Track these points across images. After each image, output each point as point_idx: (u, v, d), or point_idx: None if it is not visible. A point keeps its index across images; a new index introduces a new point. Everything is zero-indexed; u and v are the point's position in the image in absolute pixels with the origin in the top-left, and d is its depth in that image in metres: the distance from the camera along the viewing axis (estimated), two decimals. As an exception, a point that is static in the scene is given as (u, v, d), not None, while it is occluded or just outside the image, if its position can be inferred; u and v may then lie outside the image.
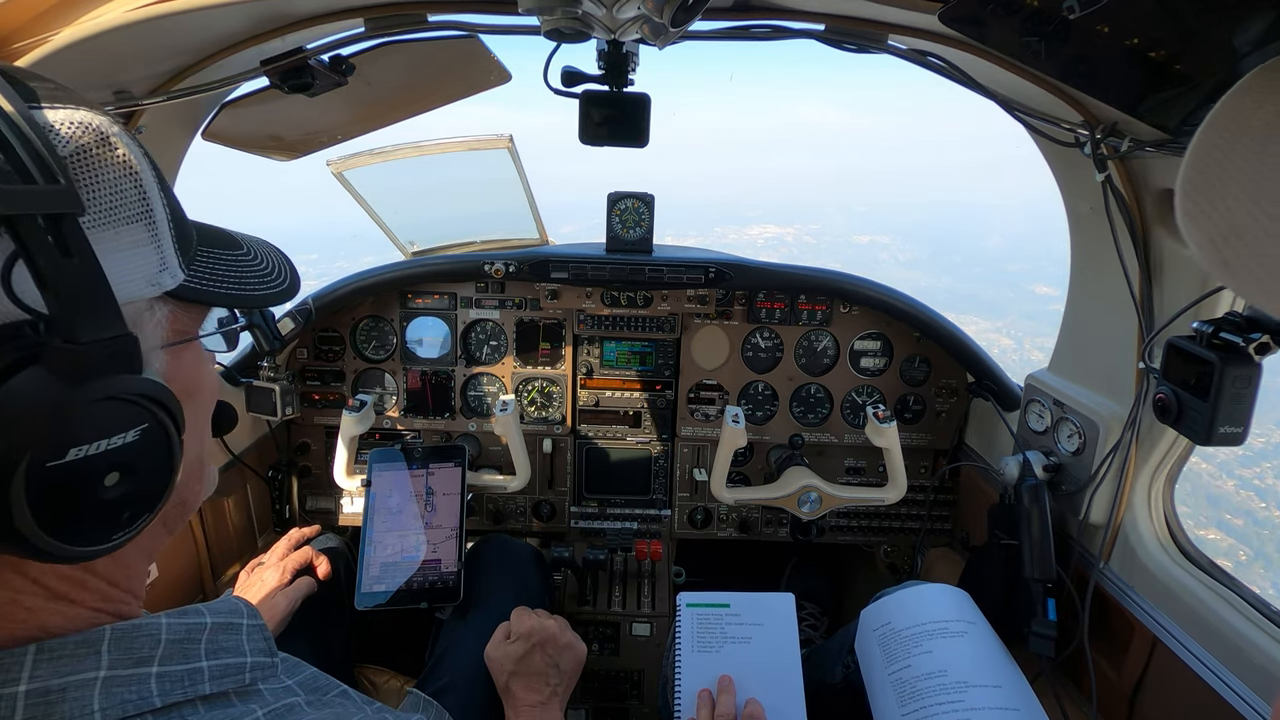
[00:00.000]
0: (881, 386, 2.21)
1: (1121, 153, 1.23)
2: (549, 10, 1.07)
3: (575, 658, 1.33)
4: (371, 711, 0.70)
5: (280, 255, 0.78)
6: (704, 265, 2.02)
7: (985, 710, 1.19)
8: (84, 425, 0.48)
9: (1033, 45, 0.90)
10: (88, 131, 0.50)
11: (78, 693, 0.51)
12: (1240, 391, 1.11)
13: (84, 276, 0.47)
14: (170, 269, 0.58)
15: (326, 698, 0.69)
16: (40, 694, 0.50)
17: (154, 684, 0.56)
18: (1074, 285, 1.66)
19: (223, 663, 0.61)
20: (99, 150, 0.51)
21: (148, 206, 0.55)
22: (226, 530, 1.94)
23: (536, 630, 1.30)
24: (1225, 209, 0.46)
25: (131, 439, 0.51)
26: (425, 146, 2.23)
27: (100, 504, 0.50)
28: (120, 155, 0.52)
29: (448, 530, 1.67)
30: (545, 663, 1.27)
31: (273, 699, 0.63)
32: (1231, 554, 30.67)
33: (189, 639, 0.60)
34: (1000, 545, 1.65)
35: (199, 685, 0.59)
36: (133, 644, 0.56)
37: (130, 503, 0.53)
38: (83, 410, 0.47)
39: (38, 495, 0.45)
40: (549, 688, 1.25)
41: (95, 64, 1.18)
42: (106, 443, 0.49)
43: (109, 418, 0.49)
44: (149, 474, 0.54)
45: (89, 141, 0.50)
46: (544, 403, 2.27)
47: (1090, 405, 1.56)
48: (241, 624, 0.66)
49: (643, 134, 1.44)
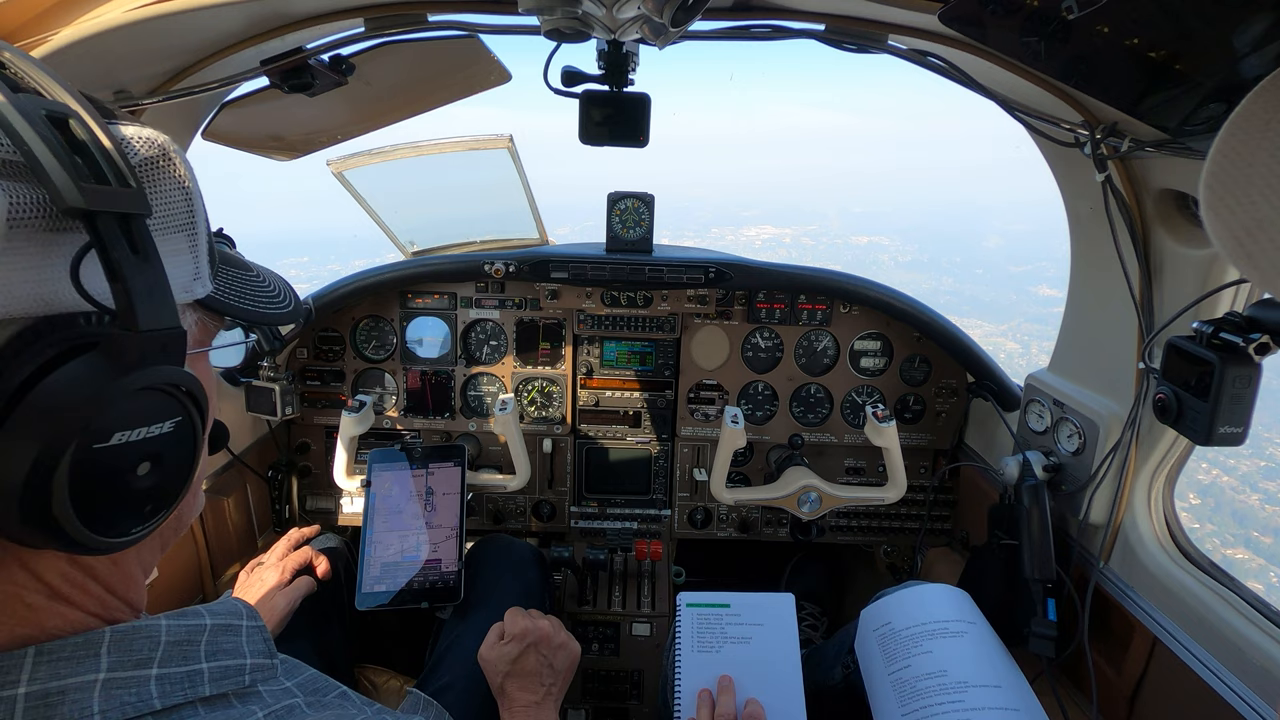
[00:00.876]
0: (881, 386, 2.21)
1: (1121, 153, 1.23)
2: (549, 10, 1.07)
3: (569, 657, 1.33)
4: (371, 713, 0.70)
5: (283, 281, 0.82)
6: (704, 265, 2.02)
7: (985, 710, 1.19)
8: (132, 410, 0.51)
9: (1033, 45, 0.90)
10: (153, 146, 0.56)
11: (77, 695, 0.51)
12: (1240, 391, 1.11)
13: (149, 272, 0.50)
14: (202, 279, 0.62)
15: (326, 699, 0.69)
16: (40, 696, 0.50)
17: (154, 686, 0.56)
18: (1074, 285, 1.66)
19: (222, 664, 0.62)
20: (161, 163, 0.57)
21: (192, 218, 0.60)
22: (226, 530, 1.94)
23: (530, 630, 1.30)
24: (1250, 203, 0.47)
25: (166, 429, 0.54)
26: (425, 146, 2.23)
27: (129, 493, 0.53)
28: (176, 169, 0.58)
29: (448, 530, 1.67)
30: (539, 663, 1.28)
31: (272, 700, 0.63)
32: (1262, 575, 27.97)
33: (189, 641, 0.60)
34: (1000, 545, 1.65)
35: (199, 687, 0.59)
36: (132, 646, 0.56)
37: (154, 495, 0.55)
38: (134, 395, 0.50)
39: (78, 478, 0.47)
40: (543, 688, 1.25)
41: (95, 64, 1.18)
42: (145, 430, 0.52)
43: (152, 406, 0.52)
44: (174, 468, 0.56)
45: (154, 155, 0.56)
46: (544, 402, 2.27)
47: (1090, 405, 1.56)
48: (241, 625, 0.66)
49: (643, 134, 1.44)
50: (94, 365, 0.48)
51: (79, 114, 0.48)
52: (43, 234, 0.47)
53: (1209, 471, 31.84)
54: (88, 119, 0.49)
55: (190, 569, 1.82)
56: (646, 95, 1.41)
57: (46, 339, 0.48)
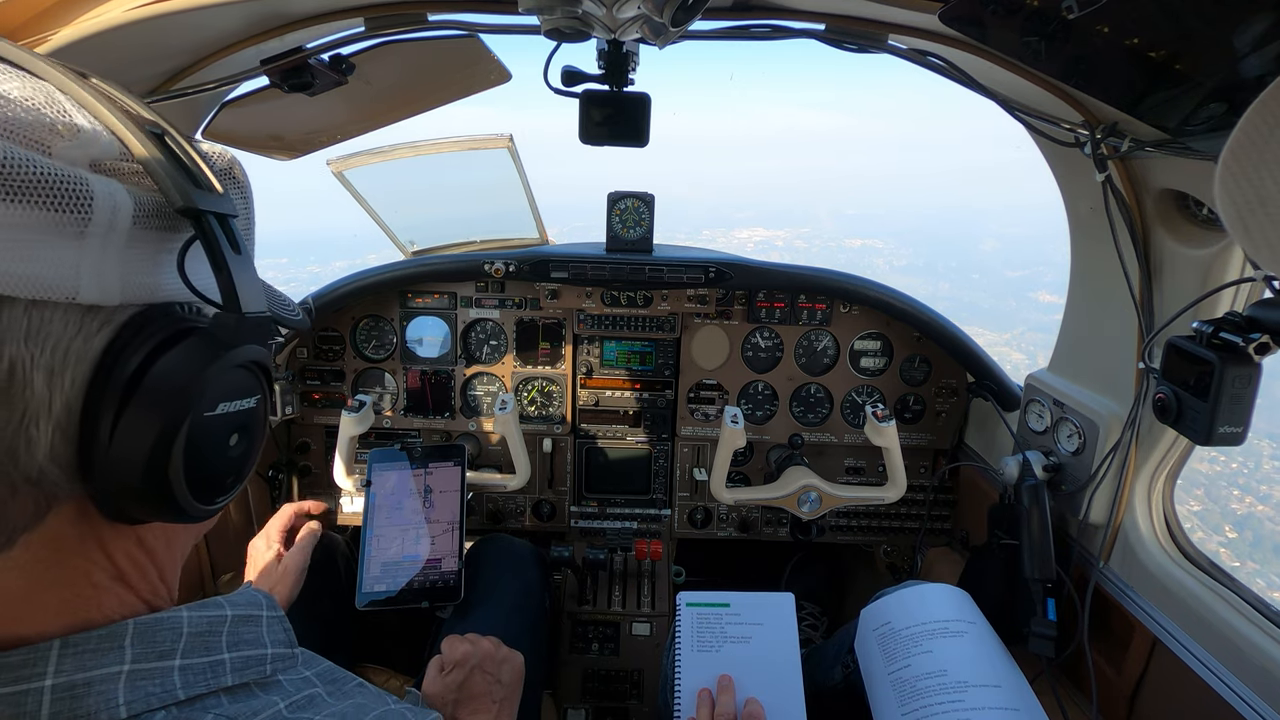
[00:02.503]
0: (881, 386, 2.21)
1: (1121, 153, 1.23)
2: (549, 10, 1.07)
3: (514, 669, 1.31)
4: (392, 703, 0.71)
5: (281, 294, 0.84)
6: (704, 265, 2.02)
7: (985, 710, 1.19)
8: (233, 384, 0.57)
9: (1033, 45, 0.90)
10: (225, 160, 0.65)
11: (103, 686, 0.52)
12: (1240, 391, 1.11)
13: (245, 264, 0.58)
14: None
15: (346, 688, 0.69)
16: (66, 688, 0.51)
17: (177, 676, 0.56)
18: (1074, 285, 1.66)
19: (244, 654, 0.62)
20: (232, 173, 0.65)
21: (250, 225, 0.67)
22: (226, 530, 1.94)
23: (471, 654, 1.27)
24: (1259, 179, 0.50)
25: (252, 404, 0.60)
26: (425, 146, 2.23)
27: (223, 462, 0.58)
28: (241, 179, 0.66)
29: (448, 529, 1.67)
30: (486, 681, 1.24)
31: (293, 690, 0.64)
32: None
33: (210, 632, 0.61)
34: (1000, 545, 1.65)
35: (222, 677, 0.59)
36: (155, 637, 0.57)
37: (237, 466, 0.60)
38: (236, 370, 0.56)
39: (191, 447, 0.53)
40: (496, 705, 1.23)
41: (95, 63, 1.18)
42: (240, 404, 0.58)
43: (245, 382, 0.58)
44: (253, 441, 0.62)
45: (226, 166, 0.65)
46: (544, 402, 2.27)
47: (1090, 405, 1.56)
48: (261, 616, 0.67)
49: (643, 133, 1.44)
50: (206, 343, 0.54)
51: (170, 130, 0.56)
52: (157, 231, 0.54)
53: (1242, 499, 29.21)
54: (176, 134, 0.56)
55: (190, 569, 1.82)
56: (646, 95, 1.41)
57: (158, 322, 0.53)
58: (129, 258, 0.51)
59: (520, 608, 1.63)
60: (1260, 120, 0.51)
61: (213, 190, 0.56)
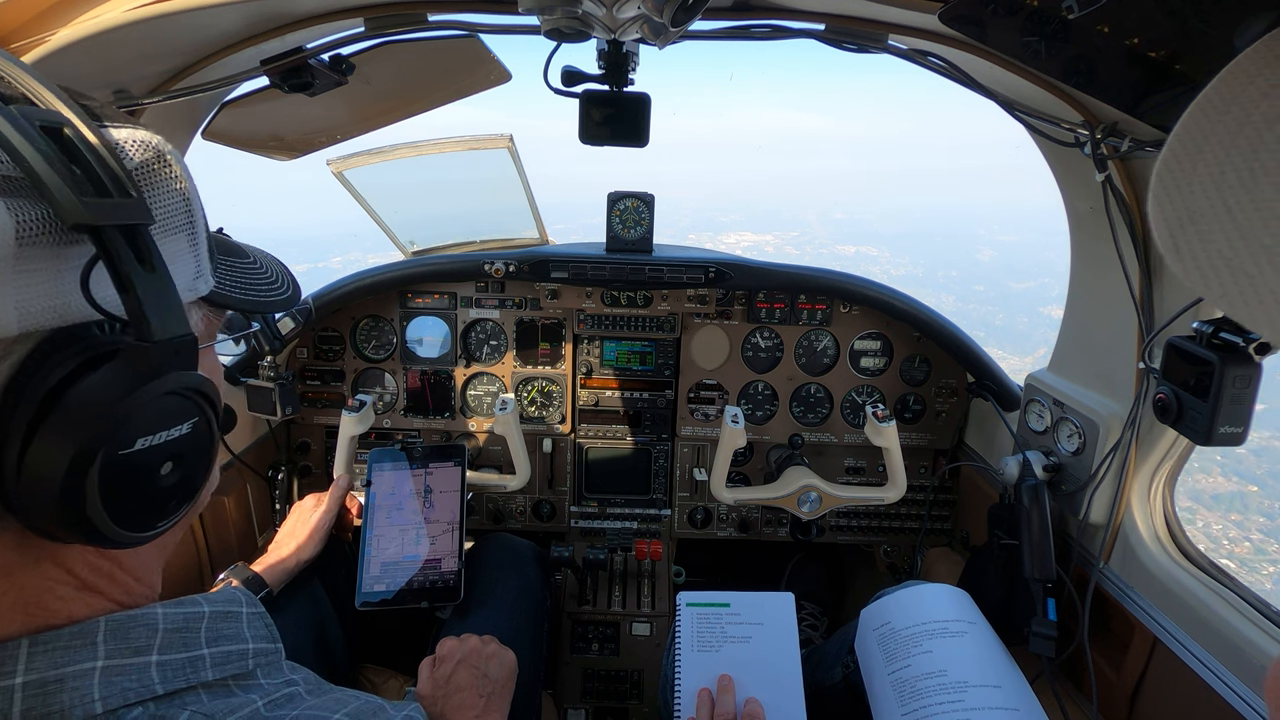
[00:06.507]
0: (881, 386, 2.21)
1: (1121, 153, 1.23)
2: (549, 10, 1.07)
3: (503, 664, 1.28)
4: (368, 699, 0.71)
5: (280, 265, 0.82)
6: (704, 265, 2.02)
7: (985, 710, 1.19)
8: (152, 417, 0.52)
9: (1033, 45, 0.90)
10: (148, 149, 0.55)
11: (76, 682, 0.52)
12: (1240, 391, 1.11)
13: (156, 281, 0.51)
14: (204, 275, 0.62)
15: (325, 686, 0.70)
16: (38, 685, 0.51)
17: (154, 671, 0.56)
18: (1074, 285, 1.66)
19: (224, 650, 0.62)
20: (157, 166, 0.56)
21: (191, 218, 0.60)
22: (226, 530, 1.94)
23: (456, 649, 1.26)
24: (1189, 193, 0.46)
25: (185, 430, 0.55)
26: (425, 146, 2.23)
27: (155, 491, 0.54)
28: (173, 171, 0.57)
29: (448, 529, 1.67)
30: (472, 675, 1.23)
31: (273, 690, 0.64)
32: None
33: (187, 628, 0.61)
34: (1000, 545, 1.65)
35: (201, 672, 0.59)
36: (129, 634, 0.57)
37: (177, 491, 0.57)
38: (153, 403, 0.51)
39: (108, 481, 0.49)
40: (483, 699, 1.20)
41: (95, 63, 1.18)
42: (166, 434, 0.54)
43: (171, 410, 0.54)
44: (194, 464, 0.58)
45: (149, 158, 0.55)
46: (544, 402, 2.27)
47: (1090, 405, 1.56)
48: (241, 612, 0.67)
49: (643, 133, 1.44)
50: (113, 376, 0.49)
51: (72, 121, 0.48)
52: (52, 248, 0.47)
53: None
54: (81, 127, 0.48)
55: (190, 569, 1.82)
56: (646, 95, 1.41)
57: (65, 350, 0.49)
58: (23, 282, 0.46)
59: (520, 607, 1.63)
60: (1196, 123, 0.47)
61: (123, 194, 0.49)
